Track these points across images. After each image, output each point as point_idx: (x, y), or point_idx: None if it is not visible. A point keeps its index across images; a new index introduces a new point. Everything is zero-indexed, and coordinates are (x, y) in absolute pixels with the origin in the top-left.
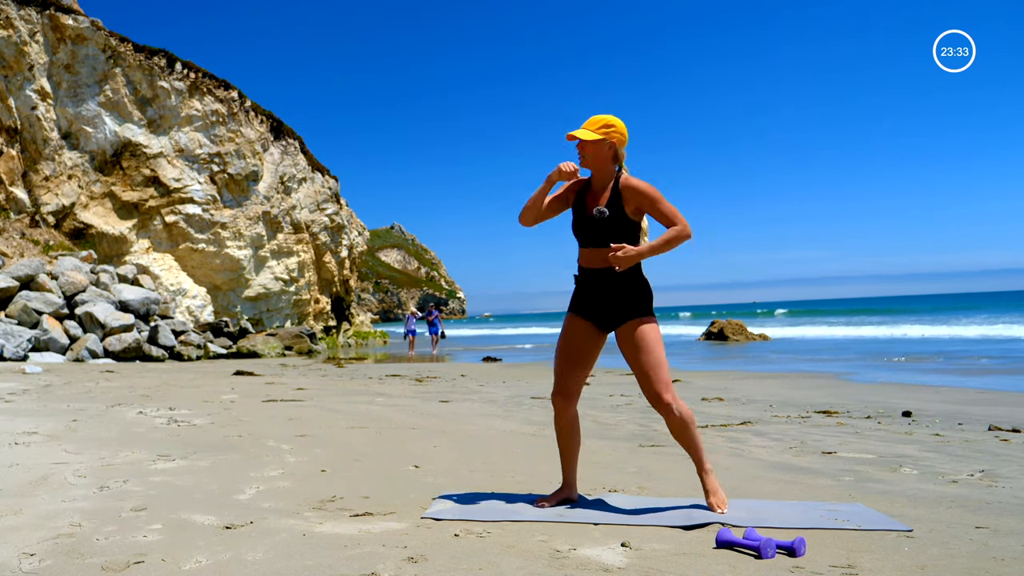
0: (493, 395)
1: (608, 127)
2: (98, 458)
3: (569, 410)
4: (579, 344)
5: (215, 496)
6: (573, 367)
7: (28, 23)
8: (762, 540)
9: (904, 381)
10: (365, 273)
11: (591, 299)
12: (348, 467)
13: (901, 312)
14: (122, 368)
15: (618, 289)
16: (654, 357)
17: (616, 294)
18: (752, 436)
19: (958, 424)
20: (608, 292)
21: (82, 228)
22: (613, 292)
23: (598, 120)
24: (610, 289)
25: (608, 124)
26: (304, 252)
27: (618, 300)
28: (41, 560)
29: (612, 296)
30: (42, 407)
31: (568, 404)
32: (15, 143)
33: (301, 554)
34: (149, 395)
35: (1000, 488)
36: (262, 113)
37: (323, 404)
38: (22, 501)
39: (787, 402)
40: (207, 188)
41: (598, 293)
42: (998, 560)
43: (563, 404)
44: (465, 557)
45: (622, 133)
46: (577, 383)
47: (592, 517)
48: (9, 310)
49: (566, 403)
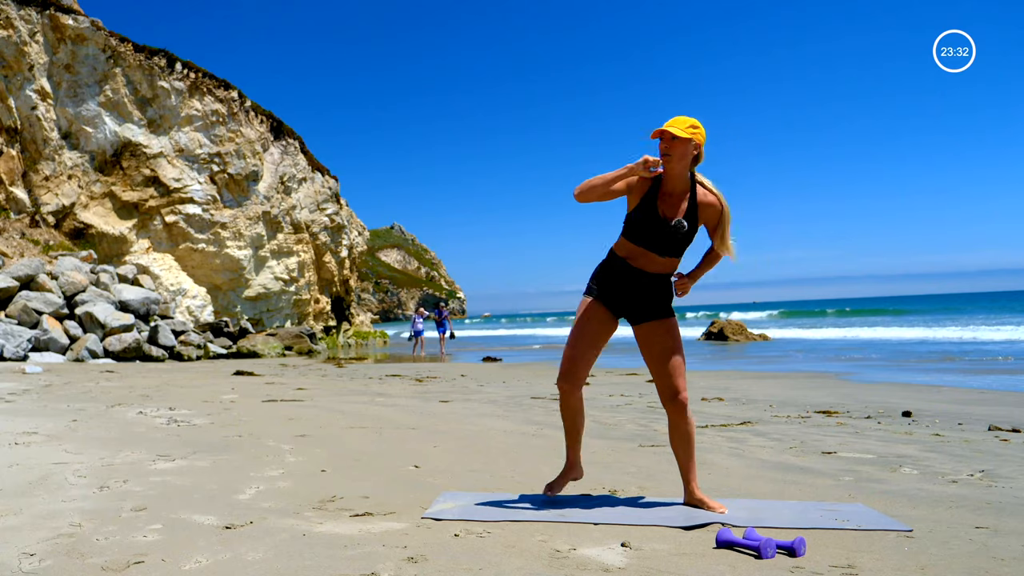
0: (493, 395)
1: (695, 128)
2: (98, 458)
3: (575, 393)
4: (596, 330)
5: (215, 496)
6: (583, 350)
7: (28, 23)
8: (762, 540)
9: (904, 381)
10: (365, 273)
11: (624, 293)
12: (348, 467)
13: (901, 313)
14: (122, 368)
15: (656, 289)
16: (680, 356)
17: (653, 294)
18: (752, 436)
19: (958, 424)
20: (648, 291)
21: (82, 228)
22: (650, 292)
23: (685, 120)
24: (651, 289)
25: (695, 125)
26: (304, 252)
27: (652, 299)
28: (41, 560)
29: (648, 295)
30: (42, 407)
31: (574, 389)
32: (15, 143)
33: (301, 554)
34: (149, 395)
35: (1000, 488)
36: (262, 113)
37: (323, 404)
38: (22, 501)
39: (787, 402)
40: (207, 188)
41: (636, 290)
42: (998, 560)
43: (570, 389)
44: (465, 557)
45: (704, 137)
46: (586, 368)
47: (592, 517)
48: (9, 310)
49: (572, 389)
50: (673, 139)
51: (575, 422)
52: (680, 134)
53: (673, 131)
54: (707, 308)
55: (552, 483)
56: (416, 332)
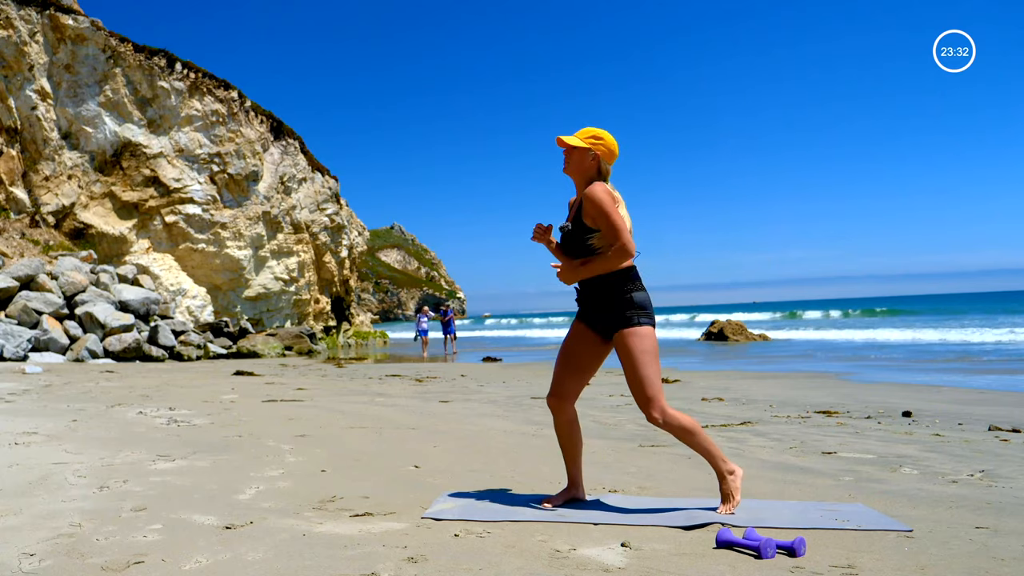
0: (493, 395)
1: (597, 139)
2: (98, 458)
3: (565, 411)
4: (578, 349)
5: (215, 496)
6: (570, 371)
7: (28, 23)
8: (762, 540)
9: (904, 381)
10: (365, 273)
11: (583, 308)
12: (348, 467)
13: (899, 314)
14: (122, 368)
15: (602, 299)
16: (636, 372)
17: (601, 304)
18: (752, 436)
19: (958, 424)
20: (592, 302)
21: (82, 228)
22: (597, 302)
23: (589, 131)
24: (594, 299)
25: (597, 136)
26: (304, 252)
27: (603, 310)
28: (41, 560)
29: (597, 305)
30: (42, 407)
31: (563, 406)
32: (15, 143)
33: (301, 554)
34: (149, 395)
35: (1000, 488)
36: (262, 113)
37: (323, 404)
38: (22, 501)
39: (787, 402)
40: (207, 188)
41: (585, 303)
42: (998, 560)
43: (558, 405)
44: (465, 557)
45: (609, 148)
46: (573, 387)
47: (592, 517)
48: (9, 310)
49: (561, 404)
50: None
51: (569, 442)
52: (574, 143)
53: (567, 140)
54: (707, 309)
55: (551, 498)
56: (421, 332)
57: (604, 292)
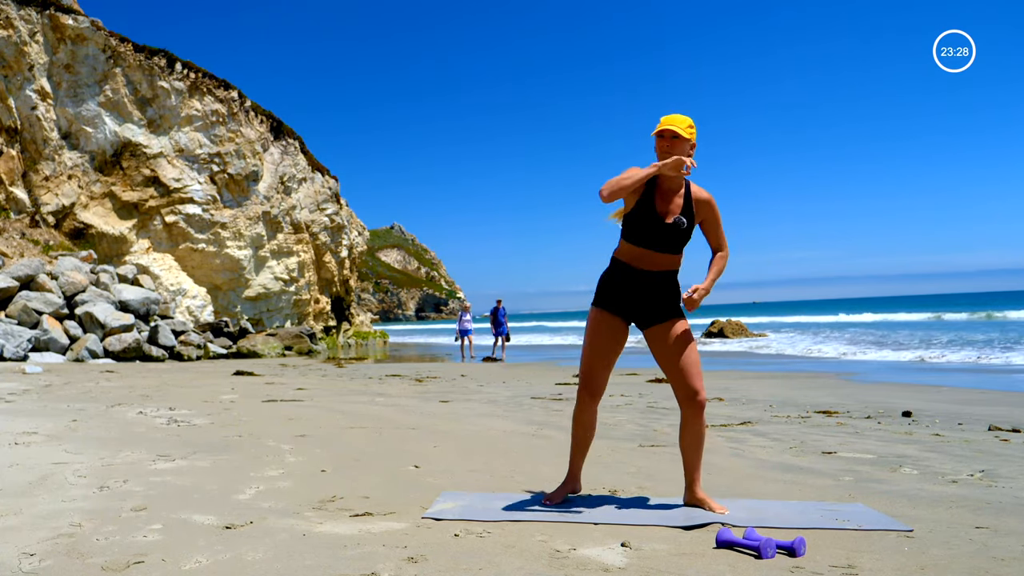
0: (493, 395)
1: (692, 128)
2: (98, 458)
3: (594, 406)
4: (612, 344)
5: (215, 496)
6: (604, 365)
7: (28, 23)
8: (762, 540)
9: (904, 381)
10: (365, 273)
11: (632, 297)
12: (348, 467)
13: (898, 313)
14: (122, 368)
15: (664, 290)
16: (695, 355)
17: (659, 295)
18: (752, 436)
19: (958, 424)
20: (654, 293)
21: (82, 228)
22: (659, 293)
23: (684, 119)
24: (657, 290)
25: (692, 125)
26: (304, 252)
27: (659, 300)
28: (41, 560)
29: (656, 297)
30: (42, 407)
31: (595, 401)
32: (15, 143)
33: (301, 554)
34: (149, 395)
35: (1000, 488)
36: (262, 113)
37: (323, 404)
38: (22, 501)
39: (787, 402)
40: (207, 188)
41: (642, 293)
42: (998, 560)
43: (591, 401)
44: (465, 557)
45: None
46: (606, 380)
47: (592, 517)
48: (9, 310)
49: (593, 400)
50: (674, 138)
51: (586, 435)
52: (682, 134)
53: (675, 130)
54: (707, 309)
55: (551, 494)
56: (463, 332)
57: (670, 284)
